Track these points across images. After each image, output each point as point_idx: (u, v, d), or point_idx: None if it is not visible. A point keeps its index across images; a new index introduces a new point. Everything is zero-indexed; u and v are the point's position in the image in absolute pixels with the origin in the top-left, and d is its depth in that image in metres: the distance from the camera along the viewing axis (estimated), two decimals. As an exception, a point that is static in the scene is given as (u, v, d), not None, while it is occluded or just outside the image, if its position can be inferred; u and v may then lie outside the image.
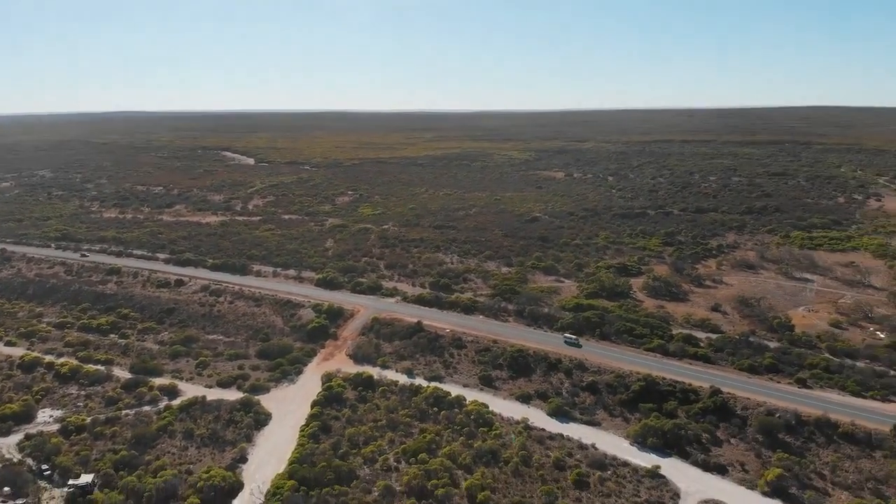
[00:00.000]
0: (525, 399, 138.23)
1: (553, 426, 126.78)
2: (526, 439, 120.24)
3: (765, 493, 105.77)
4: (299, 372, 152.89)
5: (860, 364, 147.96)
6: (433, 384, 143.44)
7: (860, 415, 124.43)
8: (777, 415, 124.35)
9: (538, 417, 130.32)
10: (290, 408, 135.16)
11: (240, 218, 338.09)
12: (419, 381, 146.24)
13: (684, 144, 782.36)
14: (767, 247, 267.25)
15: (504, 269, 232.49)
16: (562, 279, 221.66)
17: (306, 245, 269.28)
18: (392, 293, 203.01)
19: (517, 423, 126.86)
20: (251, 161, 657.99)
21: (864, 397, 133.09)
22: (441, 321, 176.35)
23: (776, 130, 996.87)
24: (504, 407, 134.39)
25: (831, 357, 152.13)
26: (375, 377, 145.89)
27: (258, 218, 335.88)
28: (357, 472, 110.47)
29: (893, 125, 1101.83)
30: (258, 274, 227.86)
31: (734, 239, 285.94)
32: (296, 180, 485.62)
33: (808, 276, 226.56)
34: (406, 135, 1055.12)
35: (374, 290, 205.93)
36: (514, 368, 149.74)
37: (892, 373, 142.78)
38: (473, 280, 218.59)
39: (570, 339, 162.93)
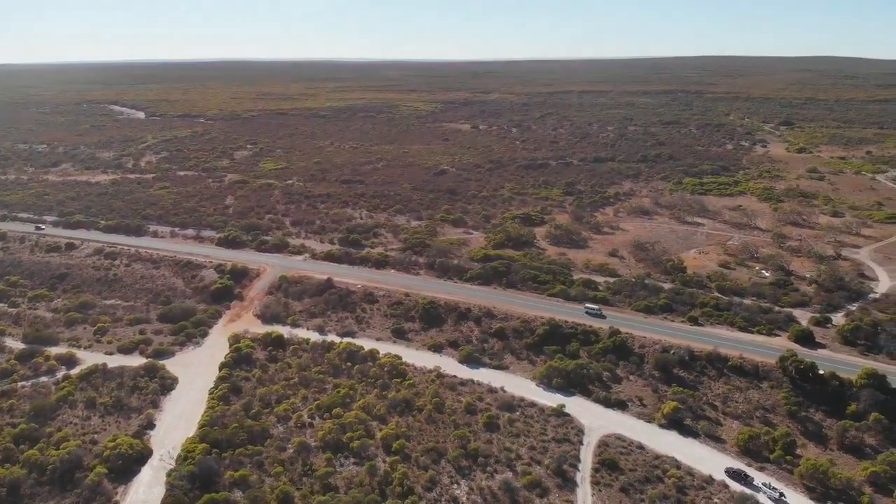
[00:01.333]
0: (437, 348, 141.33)
1: (464, 372, 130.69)
2: (439, 387, 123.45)
3: (662, 426, 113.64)
4: (205, 334, 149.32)
5: (747, 301, 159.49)
6: (346, 340, 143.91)
7: (748, 349, 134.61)
8: (672, 351, 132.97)
9: (450, 365, 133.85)
10: (197, 371, 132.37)
11: (132, 176, 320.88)
12: (331, 337, 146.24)
13: (583, 95, 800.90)
14: (661, 193, 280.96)
15: (414, 223, 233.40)
16: (470, 231, 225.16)
17: (205, 203, 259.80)
18: (300, 250, 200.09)
19: (430, 371, 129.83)
20: (141, 115, 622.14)
21: (751, 332, 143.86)
22: (352, 277, 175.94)
23: (670, 80, 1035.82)
24: (417, 357, 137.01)
25: (720, 295, 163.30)
26: (286, 336, 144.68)
27: (152, 175, 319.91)
28: (270, 430, 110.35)
29: (779, 74, 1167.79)
30: (155, 235, 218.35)
31: (630, 186, 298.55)
32: (191, 134, 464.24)
33: (698, 220, 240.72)
34: (307, 85, 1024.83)
35: (281, 247, 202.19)
36: (426, 320, 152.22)
37: (776, 308, 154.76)
38: (384, 234, 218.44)
39: (592, 309, 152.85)
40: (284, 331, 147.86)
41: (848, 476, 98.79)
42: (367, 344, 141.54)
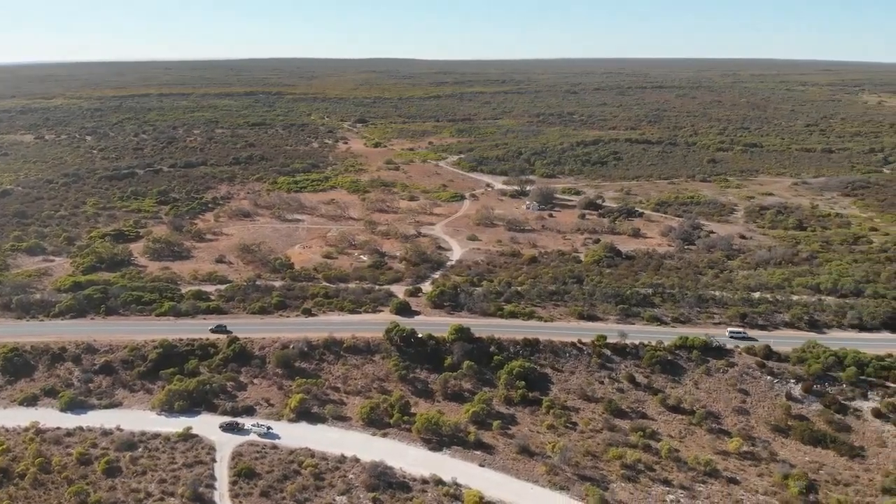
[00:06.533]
0: (31, 401, 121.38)
1: (69, 421, 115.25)
2: (40, 444, 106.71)
3: (291, 420, 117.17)
4: None
5: (352, 285, 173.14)
6: None
7: (359, 328, 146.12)
8: (291, 346, 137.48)
9: (50, 417, 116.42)
10: None
11: None
12: None
13: (163, 98, 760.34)
14: (259, 194, 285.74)
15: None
16: (51, 258, 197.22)
17: None
18: None
19: (26, 430, 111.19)
20: None
21: (359, 313, 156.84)
22: None
23: (249, 82, 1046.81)
24: (5, 417, 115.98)
25: (328, 284, 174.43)
26: None
27: None
28: None
29: (348, 75, 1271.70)
30: None
31: (227, 190, 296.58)
32: None
33: (298, 216, 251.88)
34: None
35: None
36: (11, 371, 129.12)
37: (377, 288, 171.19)
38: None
39: (737, 333, 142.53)
40: None
41: (455, 421, 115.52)
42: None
